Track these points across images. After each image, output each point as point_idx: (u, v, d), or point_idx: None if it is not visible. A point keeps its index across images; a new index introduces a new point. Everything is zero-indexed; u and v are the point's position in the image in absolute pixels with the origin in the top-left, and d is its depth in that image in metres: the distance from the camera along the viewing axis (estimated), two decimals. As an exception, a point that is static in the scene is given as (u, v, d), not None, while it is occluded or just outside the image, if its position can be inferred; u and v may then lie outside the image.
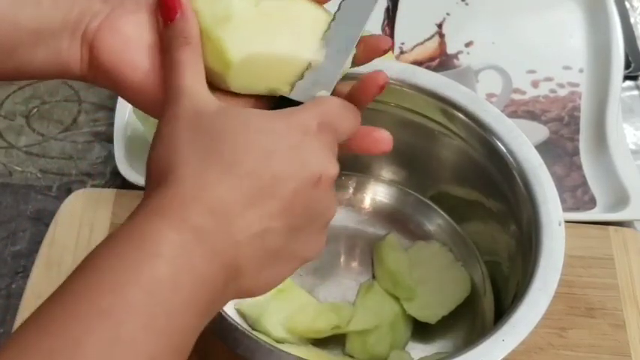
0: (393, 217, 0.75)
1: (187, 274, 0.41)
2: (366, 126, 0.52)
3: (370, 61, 0.53)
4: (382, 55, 0.53)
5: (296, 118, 0.46)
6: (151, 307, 0.39)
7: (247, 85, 0.50)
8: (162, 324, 0.39)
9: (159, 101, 0.48)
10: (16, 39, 0.49)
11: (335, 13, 0.51)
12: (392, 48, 0.54)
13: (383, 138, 0.52)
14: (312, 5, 0.51)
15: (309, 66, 0.50)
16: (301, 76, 0.50)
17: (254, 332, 0.64)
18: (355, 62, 0.52)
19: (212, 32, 0.49)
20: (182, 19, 0.48)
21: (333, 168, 0.46)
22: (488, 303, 0.69)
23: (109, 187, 0.79)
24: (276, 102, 0.50)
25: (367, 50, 0.52)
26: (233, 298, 0.45)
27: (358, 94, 0.52)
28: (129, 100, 0.52)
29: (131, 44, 0.49)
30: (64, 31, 0.49)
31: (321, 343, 0.67)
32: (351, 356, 0.66)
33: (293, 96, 0.50)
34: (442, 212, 0.74)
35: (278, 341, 0.65)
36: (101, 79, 0.51)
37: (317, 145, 0.46)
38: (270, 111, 0.47)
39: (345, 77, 0.52)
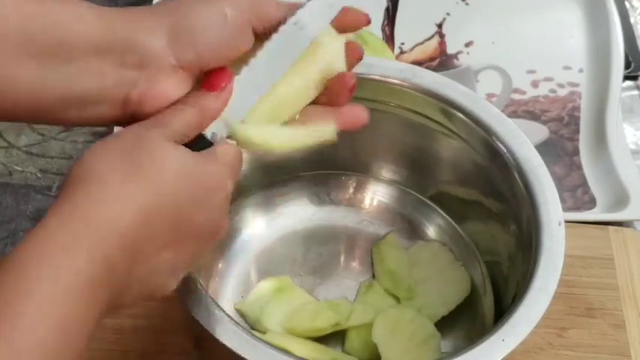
0: (393, 217, 0.75)
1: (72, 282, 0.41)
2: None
3: (350, 32, 0.55)
4: (364, 26, 0.55)
5: (221, 174, 0.48)
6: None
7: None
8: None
9: None
10: (43, 105, 0.49)
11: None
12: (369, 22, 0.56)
13: (359, 114, 0.55)
14: None
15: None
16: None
17: (254, 332, 0.64)
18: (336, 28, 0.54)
19: None
20: (217, 98, 0.50)
21: (225, 227, 0.50)
22: (488, 303, 0.69)
23: (109, 187, 0.79)
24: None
25: (346, 22, 0.54)
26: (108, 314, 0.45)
27: (332, 96, 0.54)
28: None
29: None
30: (101, 100, 0.49)
31: (321, 341, 0.66)
32: (352, 354, 0.66)
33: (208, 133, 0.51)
34: (442, 212, 0.74)
35: (278, 341, 0.65)
36: None
37: (225, 207, 0.49)
38: (198, 154, 0.48)
39: None
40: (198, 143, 0.49)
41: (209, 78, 0.50)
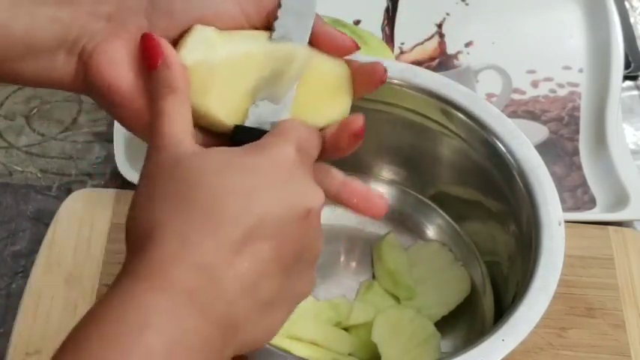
0: (393, 217, 0.75)
1: (180, 343, 0.38)
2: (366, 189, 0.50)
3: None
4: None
5: (276, 151, 0.44)
6: None
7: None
8: None
9: (143, 122, 0.47)
10: (7, 49, 0.47)
11: (272, 27, 0.49)
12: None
13: (380, 203, 0.51)
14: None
15: (260, 90, 0.48)
16: (254, 102, 0.48)
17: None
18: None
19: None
20: (164, 68, 0.46)
21: (320, 197, 0.44)
22: (488, 303, 0.69)
23: (109, 187, 0.79)
24: (232, 132, 0.48)
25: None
26: (235, 354, 0.42)
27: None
28: (118, 119, 0.50)
29: (122, 64, 0.47)
30: (61, 48, 0.47)
31: (322, 341, 0.66)
32: (351, 354, 0.66)
33: (249, 123, 0.48)
34: (442, 212, 0.74)
35: (278, 342, 0.65)
36: (94, 94, 0.49)
37: (302, 177, 0.44)
38: (248, 146, 0.44)
39: None
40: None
41: (144, 56, 0.47)
